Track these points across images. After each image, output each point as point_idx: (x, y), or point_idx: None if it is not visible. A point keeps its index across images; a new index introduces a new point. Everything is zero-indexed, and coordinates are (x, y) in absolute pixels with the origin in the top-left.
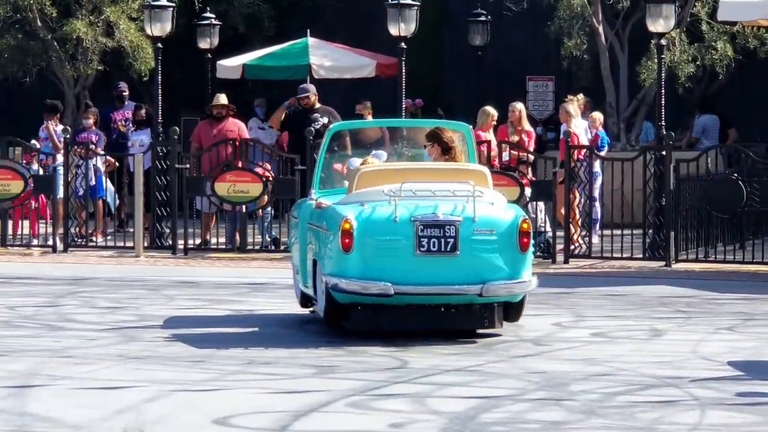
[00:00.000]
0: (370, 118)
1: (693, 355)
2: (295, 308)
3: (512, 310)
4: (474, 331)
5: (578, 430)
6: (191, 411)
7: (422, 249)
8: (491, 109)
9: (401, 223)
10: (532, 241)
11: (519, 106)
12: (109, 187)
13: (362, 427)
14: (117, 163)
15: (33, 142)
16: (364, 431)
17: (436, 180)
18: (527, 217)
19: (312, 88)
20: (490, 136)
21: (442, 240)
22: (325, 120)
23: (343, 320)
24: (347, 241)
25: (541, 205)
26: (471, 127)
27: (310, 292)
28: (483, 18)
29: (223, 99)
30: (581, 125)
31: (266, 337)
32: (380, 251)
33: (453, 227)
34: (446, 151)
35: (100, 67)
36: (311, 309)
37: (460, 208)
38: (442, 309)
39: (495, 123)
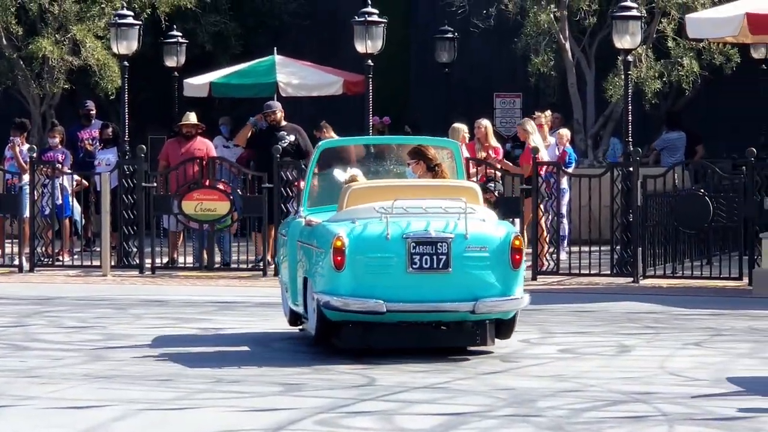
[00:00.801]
0: (332, 135)
1: (661, 371)
2: (262, 326)
3: (504, 327)
4: (465, 348)
5: None
6: (159, 430)
7: (414, 266)
8: (462, 126)
9: (393, 241)
10: (524, 258)
11: (485, 122)
12: (76, 206)
13: None
14: (86, 183)
15: None
16: None
17: (427, 197)
18: (519, 234)
19: (278, 105)
20: (465, 152)
21: (435, 257)
22: (292, 138)
23: (334, 338)
24: (339, 258)
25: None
26: (459, 144)
27: (300, 309)
28: (450, 35)
29: (192, 118)
30: (541, 142)
31: (234, 356)
32: (372, 269)
33: (445, 244)
34: (431, 169)
35: (66, 86)
36: (300, 327)
37: (452, 225)
38: (434, 326)
39: (467, 139)
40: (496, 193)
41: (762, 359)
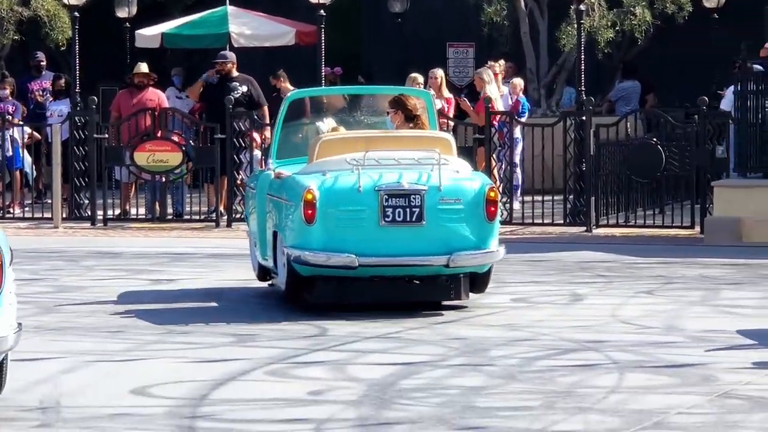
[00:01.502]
0: (288, 86)
1: (612, 319)
2: (214, 277)
3: (478, 281)
4: (439, 303)
5: (498, 394)
6: (109, 381)
7: (387, 219)
8: (418, 76)
9: (365, 193)
10: (499, 210)
11: (439, 72)
12: (27, 157)
13: (282, 395)
14: (38, 136)
15: None
16: (283, 399)
17: (399, 148)
18: (494, 185)
19: (231, 55)
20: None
21: (408, 210)
22: (244, 89)
23: (305, 293)
24: (310, 212)
25: None
26: (432, 93)
27: (269, 264)
28: None
29: (144, 68)
30: (495, 91)
31: (185, 308)
32: (344, 222)
33: (418, 196)
34: (410, 119)
35: (16, 37)
36: (270, 282)
37: (425, 176)
38: (407, 280)
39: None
40: None
41: (712, 307)
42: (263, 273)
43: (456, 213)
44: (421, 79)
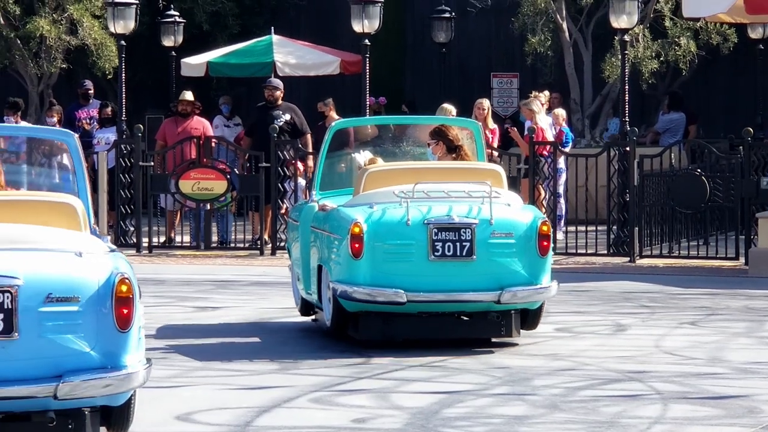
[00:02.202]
0: (333, 115)
1: (656, 350)
2: (258, 305)
3: (530, 318)
4: (489, 340)
5: (541, 424)
6: (153, 408)
7: (436, 253)
8: (449, 106)
9: (414, 226)
10: (552, 245)
11: (486, 103)
12: None
13: (325, 423)
14: (86, 164)
15: None
16: (327, 427)
17: (448, 180)
18: (546, 219)
19: (279, 83)
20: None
21: (458, 244)
22: (288, 117)
23: (350, 329)
24: (357, 245)
25: None
26: (480, 124)
27: (313, 299)
28: (447, 14)
29: (188, 96)
30: (546, 121)
31: (228, 334)
32: (391, 256)
33: (469, 230)
34: (452, 150)
35: (63, 65)
36: (313, 317)
37: (475, 209)
38: (456, 316)
39: None
40: None
41: (757, 338)
42: (306, 307)
43: (507, 248)
44: (454, 110)
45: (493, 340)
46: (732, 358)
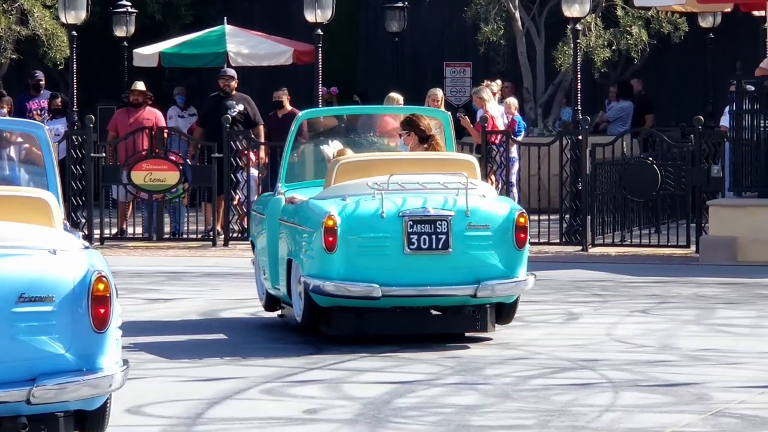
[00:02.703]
0: (287, 104)
1: (607, 338)
2: (210, 296)
3: (504, 312)
4: (462, 334)
5: (492, 413)
6: None
7: (412, 246)
8: (397, 95)
9: (388, 219)
10: (528, 237)
11: (440, 94)
12: (24, 176)
13: (277, 414)
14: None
15: None
16: (278, 418)
17: (422, 171)
18: (523, 210)
19: (234, 73)
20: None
21: (434, 236)
22: (241, 107)
23: (322, 325)
24: (330, 239)
25: None
26: (449, 114)
27: (280, 294)
28: (400, 4)
29: (140, 86)
30: (497, 110)
31: (180, 326)
32: (366, 250)
33: (445, 222)
34: (424, 140)
35: (14, 56)
36: (279, 313)
37: (451, 201)
38: (431, 311)
39: None
40: None
41: (707, 326)
42: (271, 303)
43: (484, 240)
44: (400, 98)
45: (492, 339)
46: (682, 346)
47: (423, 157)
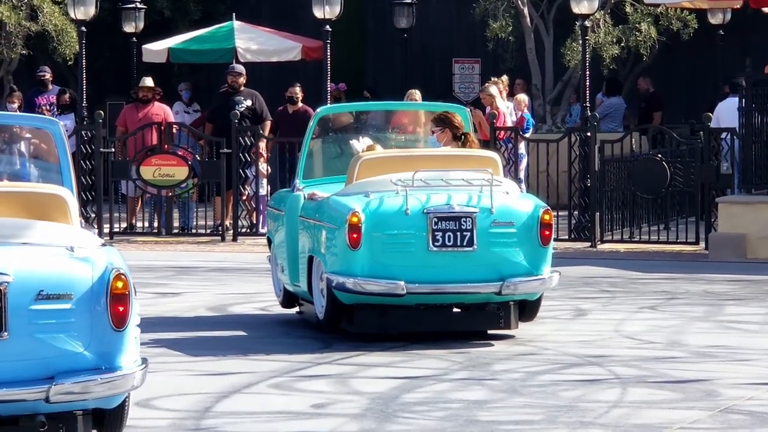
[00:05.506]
0: (299, 101)
1: (616, 334)
2: (218, 291)
3: (527, 309)
4: (485, 332)
5: (500, 408)
6: None
7: (436, 244)
8: (417, 93)
9: (413, 216)
10: (553, 234)
11: (417, 95)
12: (33, 171)
13: (285, 408)
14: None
15: None
16: (286, 412)
17: (445, 168)
18: (548, 207)
19: (242, 69)
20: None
21: (458, 233)
22: (249, 103)
23: (344, 323)
24: (355, 236)
25: None
26: (468, 110)
27: (300, 291)
28: (408, 0)
29: (149, 82)
30: (505, 106)
31: (189, 321)
32: (390, 247)
33: (470, 219)
34: (457, 137)
35: (24, 52)
36: (298, 310)
37: (475, 198)
38: (454, 309)
39: None
40: None
41: (716, 322)
42: (289, 299)
43: (508, 237)
44: (419, 95)
45: (515, 336)
46: (691, 342)
47: (444, 153)
